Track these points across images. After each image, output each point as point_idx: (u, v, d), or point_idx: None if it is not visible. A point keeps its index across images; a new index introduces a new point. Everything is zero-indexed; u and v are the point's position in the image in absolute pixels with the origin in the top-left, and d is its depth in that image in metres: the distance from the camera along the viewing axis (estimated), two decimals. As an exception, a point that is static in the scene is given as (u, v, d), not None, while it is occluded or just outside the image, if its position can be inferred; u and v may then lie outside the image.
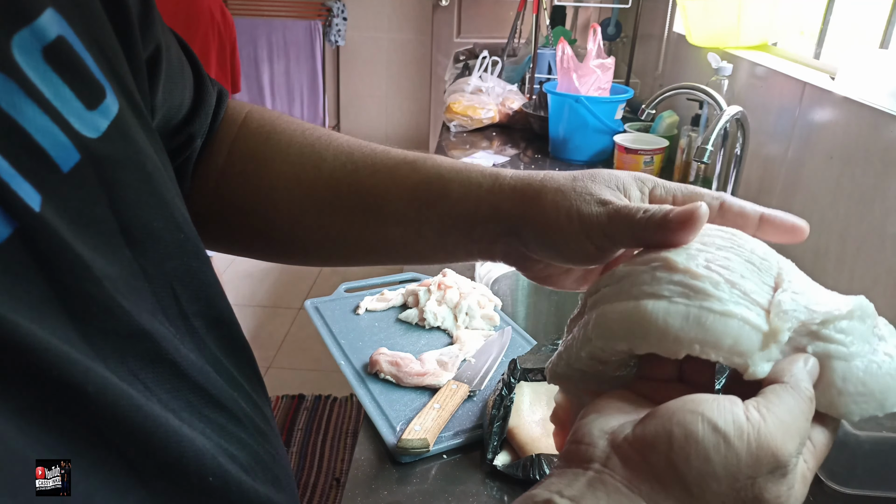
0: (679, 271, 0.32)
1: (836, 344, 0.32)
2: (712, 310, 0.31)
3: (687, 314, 0.31)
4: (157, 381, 0.31)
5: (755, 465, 0.27)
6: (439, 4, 3.90)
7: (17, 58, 0.26)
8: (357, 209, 0.44)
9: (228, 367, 0.38)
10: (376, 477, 0.71)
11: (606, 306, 0.33)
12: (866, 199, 0.97)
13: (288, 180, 0.46)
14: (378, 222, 0.44)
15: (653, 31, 2.27)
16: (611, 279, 0.35)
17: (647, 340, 0.31)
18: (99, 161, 0.30)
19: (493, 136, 2.07)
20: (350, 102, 4.64)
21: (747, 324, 0.31)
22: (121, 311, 0.30)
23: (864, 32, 1.21)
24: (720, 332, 0.31)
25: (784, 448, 0.27)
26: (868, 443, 0.70)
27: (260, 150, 0.47)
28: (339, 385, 2.32)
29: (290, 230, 0.47)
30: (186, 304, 0.35)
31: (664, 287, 0.32)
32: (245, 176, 0.47)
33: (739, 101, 1.42)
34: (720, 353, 0.31)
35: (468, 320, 0.98)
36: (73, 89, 0.29)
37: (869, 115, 0.97)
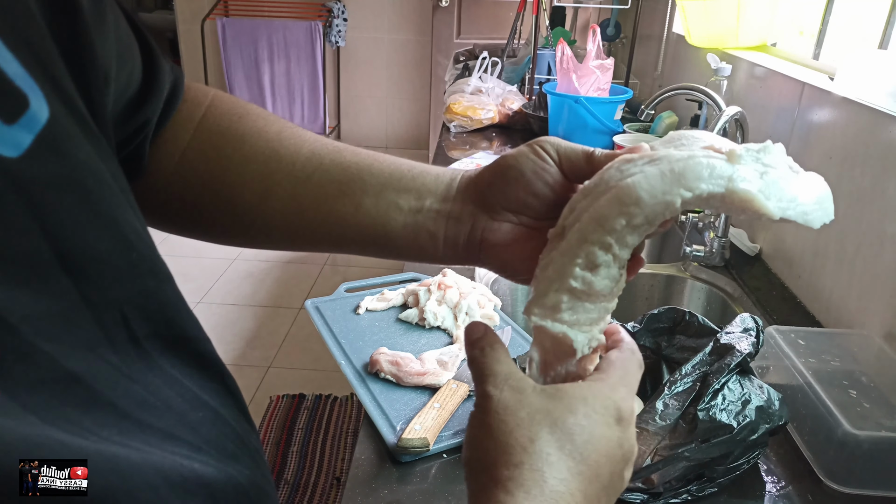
0: (639, 156, 0.38)
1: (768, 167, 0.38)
2: (679, 160, 0.36)
3: (661, 172, 0.36)
4: (99, 425, 0.29)
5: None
6: (439, 5, 3.90)
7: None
8: (336, 180, 0.45)
9: (190, 386, 0.36)
10: (376, 476, 0.71)
11: (594, 204, 0.37)
12: (865, 200, 0.97)
13: (265, 155, 0.46)
14: (355, 191, 0.45)
15: (652, 31, 2.27)
16: (581, 195, 0.39)
17: (640, 206, 0.36)
18: (23, 184, 0.26)
19: (492, 137, 2.07)
20: (350, 103, 4.64)
21: (711, 157, 0.36)
22: (43, 356, 0.27)
23: (864, 33, 1.21)
24: (695, 171, 0.35)
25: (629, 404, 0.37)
26: (867, 443, 0.70)
27: (234, 127, 0.47)
28: (339, 384, 2.32)
29: (258, 205, 0.46)
30: (137, 327, 0.33)
31: (633, 168, 0.37)
32: (216, 151, 0.46)
33: (738, 102, 1.42)
34: (708, 184, 0.35)
35: (468, 320, 0.98)
36: (28, 78, 0.26)
37: (868, 115, 0.97)
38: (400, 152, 4.67)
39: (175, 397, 0.34)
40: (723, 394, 0.70)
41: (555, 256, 0.39)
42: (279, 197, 0.46)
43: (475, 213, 0.44)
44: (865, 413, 0.73)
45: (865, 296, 0.95)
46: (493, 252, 0.45)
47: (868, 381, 0.79)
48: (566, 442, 0.35)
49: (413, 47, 4.46)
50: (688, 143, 0.40)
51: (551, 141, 0.44)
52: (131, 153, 0.43)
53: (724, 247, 1.24)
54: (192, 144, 0.47)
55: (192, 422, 0.34)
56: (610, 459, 0.36)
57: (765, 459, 0.77)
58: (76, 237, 0.28)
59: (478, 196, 0.44)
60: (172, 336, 0.35)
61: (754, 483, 0.74)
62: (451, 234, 0.45)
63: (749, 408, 0.70)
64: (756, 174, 0.36)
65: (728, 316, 1.20)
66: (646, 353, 0.87)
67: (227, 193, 0.46)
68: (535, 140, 0.45)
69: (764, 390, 0.73)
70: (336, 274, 3.15)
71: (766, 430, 0.70)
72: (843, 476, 0.73)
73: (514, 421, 0.35)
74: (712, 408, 0.69)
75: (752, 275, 1.22)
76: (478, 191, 0.45)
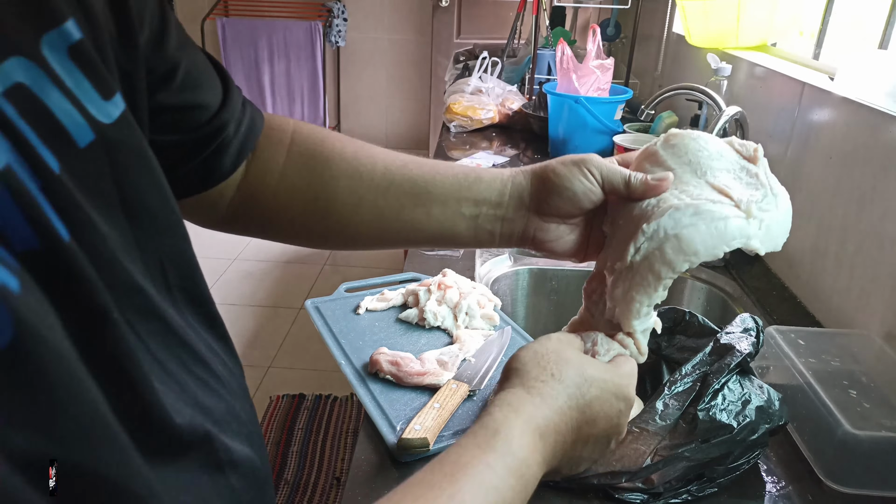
0: (677, 201, 0.52)
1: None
2: (720, 218, 0.50)
3: (709, 231, 0.50)
4: (149, 333, 0.37)
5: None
6: (439, 5, 3.90)
7: (46, 53, 0.32)
8: (409, 193, 0.56)
9: (206, 337, 0.44)
10: (376, 476, 0.71)
11: (660, 248, 0.50)
12: (866, 200, 0.97)
13: (348, 174, 0.56)
14: (426, 202, 0.56)
15: (652, 31, 2.27)
16: (626, 220, 0.54)
17: (698, 256, 0.50)
18: (109, 142, 0.35)
19: (492, 137, 2.07)
20: (350, 103, 4.64)
21: (737, 216, 0.51)
22: (120, 266, 0.35)
23: (864, 33, 1.21)
24: (732, 232, 0.50)
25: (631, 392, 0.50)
26: (867, 443, 0.70)
27: (318, 150, 0.57)
28: (339, 384, 2.33)
29: (349, 216, 0.57)
30: (172, 277, 0.41)
31: (684, 218, 0.50)
32: (309, 170, 0.57)
33: (738, 102, 1.42)
34: (738, 241, 0.50)
35: (468, 320, 0.98)
36: (92, 82, 0.35)
37: (868, 115, 0.97)
38: (400, 152, 4.67)
39: (199, 343, 0.42)
40: (723, 394, 0.70)
41: (634, 290, 0.52)
42: (365, 209, 0.56)
43: (527, 216, 0.56)
44: (865, 413, 0.73)
45: (865, 296, 0.95)
46: (542, 244, 0.58)
47: (868, 381, 0.79)
48: (580, 393, 0.47)
49: (413, 47, 4.46)
50: (694, 161, 0.54)
51: (595, 163, 0.54)
52: (209, 156, 0.52)
53: (724, 247, 1.24)
54: (288, 164, 0.57)
55: (212, 360, 0.43)
56: (604, 422, 0.49)
57: (765, 459, 0.77)
58: (136, 189, 0.37)
59: (533, 205, 0.56)
60: (194, 293, 0.43)
61: (754, 483, 0.74)
62: (506, 231, 0.57)
63: (749, 408, 0.70)
64: (758, 225, 0.51)
65: (728, 316, 1.20)
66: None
67: (322, 206, 0.56)
68: (582, 160, 0.55)
69: (764, 390, 0.73)
70: (336, 274, 3.15)
71: (766, 430, 0.70)
72: (843, 476, 0.73)
73: (556, 357, 0.49)
74: (712, 408, 0.69)
75: (752, 275, 1.22)
76: (533, 201, 0.56)
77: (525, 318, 1.34)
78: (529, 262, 1.31)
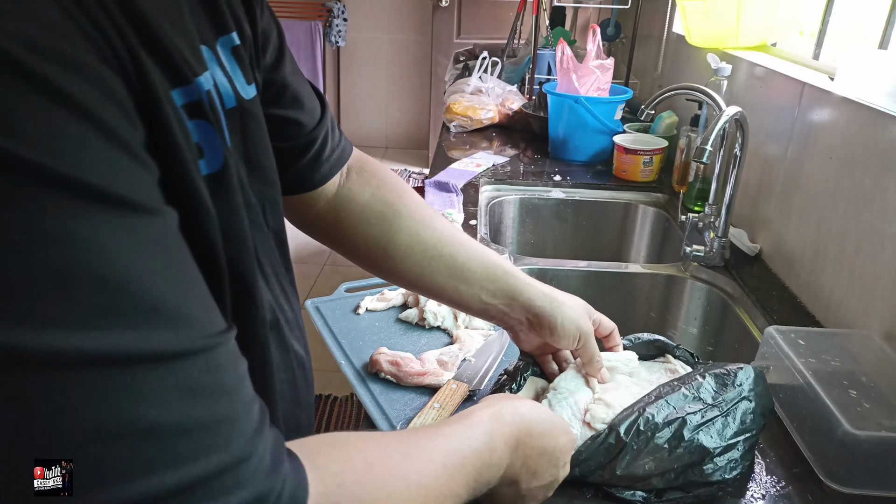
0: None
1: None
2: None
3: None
4: (259, 241, 0.51)
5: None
6: (439, 5, 3.90)
7: (219, 48, 0.47)
8: (449, 266, 0.71)
9: (285, 272, 0.58)
10: (376, 476, 0.71)
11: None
12: (866, 199, 0.97)
13: (411, 232, 0.71)
14: (457, 279, 0.72)
15: (652, 31, 2.27)
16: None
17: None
18: (244, 111, 0.50)
19: (492, 137, 2.07)
20: (350, 103, 4.64)
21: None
22: (248, 191, 0.49)
23: (864, 33, 1.21)
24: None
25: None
26: (867, 443, 0.70)
27: (397, 204, 0.72)
28: (339, 384, 2.32)
29: (400, 262, 0.71)
30: (269, 219, 0.54)
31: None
32: (384, 220, 0.71)
33: (738, 102, 1.42)
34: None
35: (468, 320, 0.98)
36: (241, 71, 0.50)
37: (868, 115, 0.97)
38: (400, 152, 4.68)
39: (282, 269, 0.58)
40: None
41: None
42: (412, 263, 0.71)
43: (520, 321, 0.75)
44: (865, 413, 0.73)
45: (865, 296, 0.95)
46: (518, 338, 0.78)
47: (868, 381, 0.79)
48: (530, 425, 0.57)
49: (413, 47, 4.46)
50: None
51: (587, 334, 0.76)
52: (305, 164, 0.66)
53: (724, 247, 1.24)
54: (369, 203, 0.71)
55: (288, 281, 0.59)
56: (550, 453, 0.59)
57: (764, 459, 0.77)
58: (255, 147, 0.51)
59: (528, 323, 0.74)
60: (281, 237, 0.58)
61: (754, 483, 0.74)
62: (499, 318, 0.75)
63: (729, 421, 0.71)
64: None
65: (728, 316, 1.20)
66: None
67: (383, 246, 0.71)
68: (581, 330, 0.75)
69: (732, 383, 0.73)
70: (336, 274, 3.15)
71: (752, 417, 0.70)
72: (843, 476, 0.73)
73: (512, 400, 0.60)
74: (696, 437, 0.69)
75: (752, 275, 1.22)
76: (530, 322, 0.74)
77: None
78: (529, 262, 1.31)
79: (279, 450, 0.36)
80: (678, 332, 1.31)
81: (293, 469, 0.36)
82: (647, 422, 0.67)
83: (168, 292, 0.31)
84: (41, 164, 0.27)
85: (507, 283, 0.72)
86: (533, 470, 0.57)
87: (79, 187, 0.28)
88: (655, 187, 1.67)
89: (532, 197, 1.66)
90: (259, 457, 0.34)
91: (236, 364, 0.35)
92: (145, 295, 0.30)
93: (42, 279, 0.27)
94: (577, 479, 0.69)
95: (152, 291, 0.30)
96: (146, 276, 0.30)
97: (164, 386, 0.30)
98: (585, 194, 1.67)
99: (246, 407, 0.34)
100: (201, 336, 0.32)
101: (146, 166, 0.32)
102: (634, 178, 1.68)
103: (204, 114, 0.41)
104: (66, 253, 0.28)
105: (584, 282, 1.31)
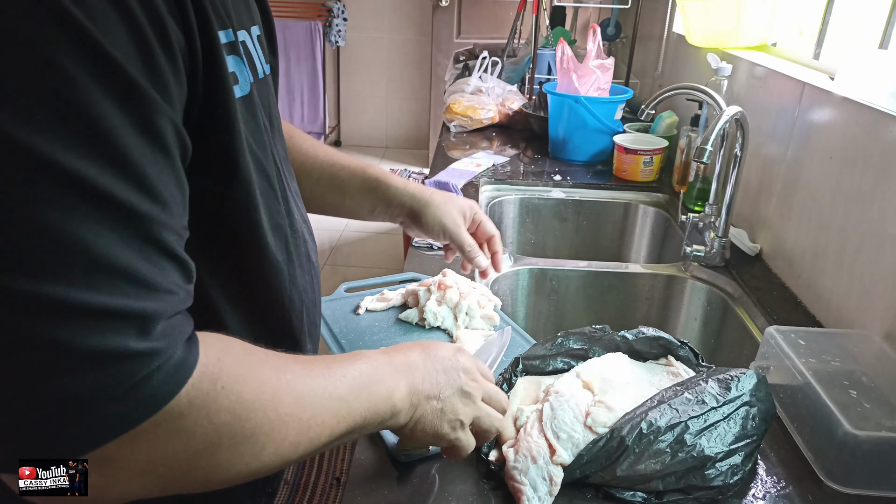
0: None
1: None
2: None
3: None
4: (277, 152, 0.62)
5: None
6: (439, 5, 3.90)
7: (253, 32, 0.57)
8: (331, 186, 0.87)
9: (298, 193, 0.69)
10: (376, 477, 0.71)
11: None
12: (866, 199, 0.97)
13: (299, 161, 0.85)
14: (342, 195, 0.88)
15: (652, 31, 2.27)
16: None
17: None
18: (266, 80, 0.61)
19: (493, 137, 2.07)
20: (350, 103, 4.64)
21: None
22: (268, 108, 0.61)
23: (864, 32, 1.21)
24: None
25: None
26: (868, 443, 0.70)
27: (290, 142, 0.84)
28: (339, 385, 2.32)
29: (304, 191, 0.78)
30: (284, 173, 0.63)
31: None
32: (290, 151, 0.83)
33: (739, 102, 1.42)
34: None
35: (468, 320, 0.98)
36: (263, 53, 0.60)
37: (868, 115, 0.97)
38: (400, 152, 4.67)
39: (303, 225, 0.68)
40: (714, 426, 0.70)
41: None
42: (306, 191, 0.80)
43: (402, 219, 0.91)
44: (866, 413, 0.73)
45: (866, 296, 0.95)
46: (411, 231, 0.93)
47: (868, 381, 0.79)
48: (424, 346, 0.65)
49: (413, 47, 4.46)
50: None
51: (452, 221, 0.91)
52: None
53: (724, 247, 1.24)
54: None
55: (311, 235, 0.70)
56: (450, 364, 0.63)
57: (765, 460, 0.77)
58: (273, 109, 0.63)
59: (408, 221, 0.91)
60: (295, 189, 0.67)
61: (754, 483, 0.74)
62: (388, 219, 0.91)
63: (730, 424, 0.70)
64: None
65: (728, 316, 1.20)
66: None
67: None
68: (449, 215, 0.91)
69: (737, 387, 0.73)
70: (336, 274, 3.15)
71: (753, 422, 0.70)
72: (844, 476, 0.73)
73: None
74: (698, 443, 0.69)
75: (752, 275, 1.22)
76: (408, 220, 0.91)
77: (525, 318, 1.34)
78: (529, 262, 1.31)
79: (185, 328, 0.43)
80: (678, 332, 1.31)
81: (189, 344, 0.42)
82: (650, 425, 0.67)
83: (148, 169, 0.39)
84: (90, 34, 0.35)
85: (382, 191, 0.88)
86: (437, 382, 0.61)
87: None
88: (656, 187, 1.67)
89: (532, 197, 1.66)
90: (171, 324, 0.41)
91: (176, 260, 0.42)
92: (122, 154, 0.37)
93: (41, 105, 0.34)
94: (578, 480, 0.69)
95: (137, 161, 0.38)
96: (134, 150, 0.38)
97: (114, 228, 0.37)
98: (586, 194, 1.67)
99: (171, 285, 0.41)
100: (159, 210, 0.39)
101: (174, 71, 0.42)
102: (635, 178, 1.68)
103: (237, 51, 0.51)
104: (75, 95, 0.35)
105: (584, 282, 1.30)
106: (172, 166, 0.41)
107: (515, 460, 0.69)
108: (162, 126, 0.40)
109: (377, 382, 0.55)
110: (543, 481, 0.67)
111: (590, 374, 0.79)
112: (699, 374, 0.77)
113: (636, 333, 0.86)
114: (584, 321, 1.31)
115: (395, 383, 0.57)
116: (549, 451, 0.69)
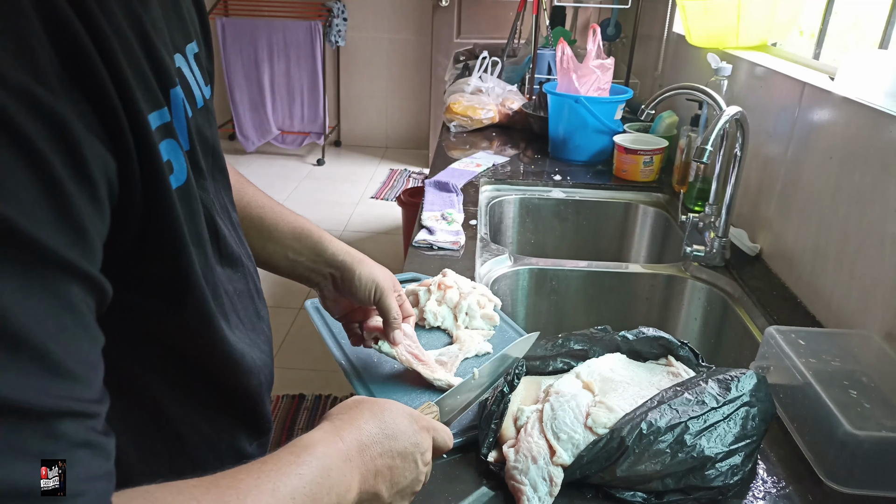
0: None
1: None
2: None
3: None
4: (218, 219, 0.56)
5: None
6: (439, 5, 3.90)
7: (188, 53, 0.53)
8: (256, 228, 0.78)
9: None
10: (376, 476, 0.71)
11: None
12: (866, 199, 0.97)
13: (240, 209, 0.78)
14: (265, 239, 0.78)
15: (652, 31, 2.27)
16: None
17: None
18: (206, 108, 0.56)
19: (492, 137, 2.07)
20: (350, 103, 4.64)
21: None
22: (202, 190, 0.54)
23: (864, 33, 1.21)
24: None
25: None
26: (868, 443, 0.70)
27: (237, 189, 0.77)
28: (339, 385, 2.32)
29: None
30: (226, 201, 0.61)
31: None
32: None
33: (739, 102, 1.42)
34: None
35: (468, 320, 0.98)
36: (202, 75, 0.56)
37: (868, 115, 0.97)
38: (400, 152, 4.68)
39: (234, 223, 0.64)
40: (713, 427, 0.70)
41: None
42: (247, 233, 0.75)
43: (325, 277, 0.82)
44: (866, 413, 0.73)
45: (866, 296, 0.95)
46: (324, 297, 0.84)
47: (868, 381, 0.79)
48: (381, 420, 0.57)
49: (413, 47, 4.46)
50: None
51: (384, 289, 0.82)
52: None
53: (724, 247, 1.24)
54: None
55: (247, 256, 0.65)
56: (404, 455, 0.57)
57: (765, 460, 0.77)
58: (214, 137, 0.58)
59: (331, 280, 0.82)
60: (234, 218, 0.64)
61: (754, 483, 0.74)
62: (307, 276, 0.81)
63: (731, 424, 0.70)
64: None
65: (729, 316, 1.20)
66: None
67: None
68: (378, 285, 0.81)
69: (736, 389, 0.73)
70: (336, 274, 3.14)
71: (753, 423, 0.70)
72: (844, 476, 0.73)
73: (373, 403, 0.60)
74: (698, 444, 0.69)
75: (752, 275, 1.22)
76: (332, 280, 0.82)
77: (525, 318, 1.33)
78: (529, 262, 1.31)
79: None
80: (678, 332, 1.31)
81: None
82: (650, 426, 0.67)
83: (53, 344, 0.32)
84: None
85: (313, 241, 0.80)
86: (389, 478, 0.55)
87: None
88: (656, 187, 1.67)
89: (532, 197, 1.66)
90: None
91: (88, 447, 0.34)
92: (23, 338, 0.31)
93: None
94: (578, 480, 0.69)
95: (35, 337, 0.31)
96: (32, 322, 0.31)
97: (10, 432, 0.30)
98: (585, 194, 1.67)
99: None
100: (68, 397, 0.32)
101: (93, 216, 0.36)
102: (635, 178, 1.68)
103: (172, 133, 0.46)
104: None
105: (584, 282, 1.30)
106: (84, 326, 0.35)
107: (516, 460, 0.69)
108: (68, 288, 0.34)
109: (328, 492, 0.49)
110: (544, 481, 0.67)
111: (590, 375, 0.79)
112: (699, 375, 0.77)
113: (636, 333, 0.86)
114: (583, 321, 1.31)
115: (345, 487, 0.51)
116: (550, 452, 0.69)
